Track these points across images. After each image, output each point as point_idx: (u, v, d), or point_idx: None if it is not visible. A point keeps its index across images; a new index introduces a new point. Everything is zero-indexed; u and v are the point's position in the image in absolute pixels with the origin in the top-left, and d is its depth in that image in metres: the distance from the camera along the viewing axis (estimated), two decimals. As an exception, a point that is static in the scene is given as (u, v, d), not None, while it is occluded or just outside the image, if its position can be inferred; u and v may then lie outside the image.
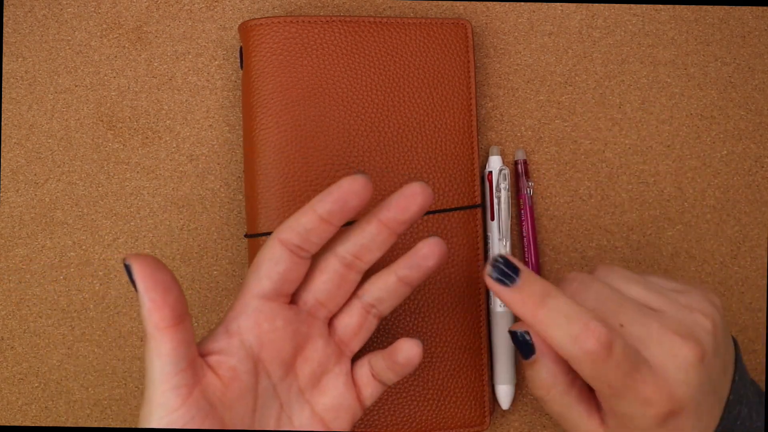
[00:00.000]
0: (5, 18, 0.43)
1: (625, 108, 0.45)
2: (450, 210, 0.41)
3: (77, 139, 0.43)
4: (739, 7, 0.46)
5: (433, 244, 0.33)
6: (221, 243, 0.43)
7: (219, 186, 0.43)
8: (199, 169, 0.43)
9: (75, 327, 0.42)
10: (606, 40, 0.45)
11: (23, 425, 0.41)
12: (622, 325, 0.31)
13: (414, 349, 0.33)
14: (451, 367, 0.41)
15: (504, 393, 0.42)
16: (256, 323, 0.32)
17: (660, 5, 0.46)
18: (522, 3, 0.45)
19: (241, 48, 0.41)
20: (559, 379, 0.32)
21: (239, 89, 0.43)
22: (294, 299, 0.34)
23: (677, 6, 0.46)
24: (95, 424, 0.42)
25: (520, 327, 0.32)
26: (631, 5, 0.46)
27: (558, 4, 0.45)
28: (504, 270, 0.31)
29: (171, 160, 0.43)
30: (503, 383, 0.42)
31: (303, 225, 0.32)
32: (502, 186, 0.42)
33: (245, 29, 0.40)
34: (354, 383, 0.35)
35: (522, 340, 0.32)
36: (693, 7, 0.46)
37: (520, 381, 0.43)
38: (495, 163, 0.43)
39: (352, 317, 0.34)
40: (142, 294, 0.29)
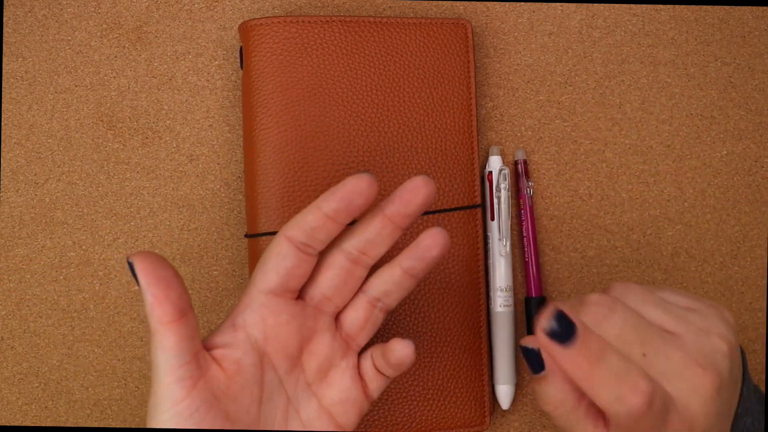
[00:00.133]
0: (5, 18, 0.43)
1: (625, 108, 0.45)
2: (450, 210, 0.41)
3: (77, 139, 0.43)
4: (739, 7, 0.46)
5: (436, 234, 0.33)
6: (221, 243, 0.43)
7: (219, 186, 0.43)
8: (199, 169, 0.43)
9: (75, 327, 0.42)
10: (606, 40, 0.45)
11: (23, 425, 0.41)
12: (644, 355, 0.31)
13: (405, 351, 0.33)
14: (451, 367, 0.41)
15: (504, 393, 0.42)
16: (261, 318, 0.33)
17: (660, 5, 0.46)
18: (522, 3, 0.45)
19: (241, 48, 0.41)
20: (568, 396, 0.32)
21: (239, 89, 0.43)
22: (301, 295, 0.34)
23: (677, 6, 0.46)
24: (95, 424, 0.42)
25: (530, 342, 0.32)
26: (631, 5, 0.46)
27: (558, 4, 0.45)
28: (561, 328, 0.29)
29: (171, 160, 0.43)
30: (503, 383, 0.42)
31: (309, 223, 0.32)
32: (502, 186, 0.42)
33: (245, 29, 0.40)
34: (360, 377, 0.35)
35: (533, 356, 0.32)
36: (693, 7, 0.46)
37: (520, 381, 0.43)
38: (495, 163, 0.43)
39: (358, 312, 0.34)
40: (144, 290, 0.30)
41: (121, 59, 0.43)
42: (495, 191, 0.42)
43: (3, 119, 0.43)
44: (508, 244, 0.42)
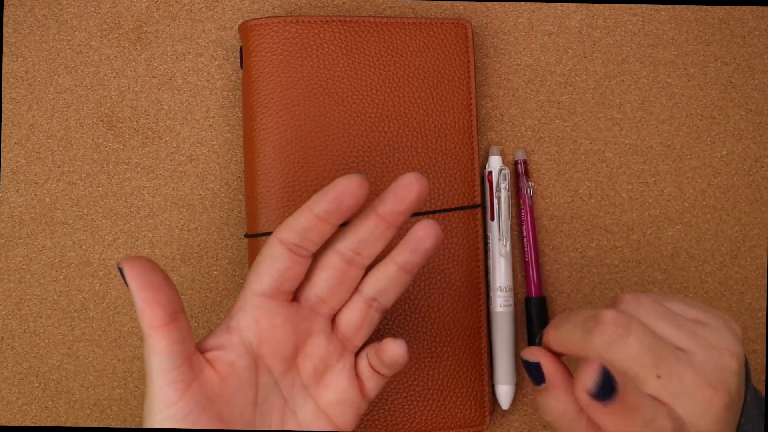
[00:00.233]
0: (5, 18, 0.43)
1: (625, 108, 0.45)
2: (450, 210, 0.41)
3: (77, 139, 0.43)
4: (739, 7, 0.46)
5: (428, 226, 0.33)
6: (221, 243, 0.43)
7: (219, 186, 0.43)
8: (199, 169, 0.43)
9: (75, 327, 0.42)
10: (606, 40, 0.45)
11: (23, 425, 0.41)
12: (659, 377, 0.31)
13: (397, 350, 0.33)
14: (451, 367, 0.41)
15: (504, 393, 0.42)
16: (255, 320, 0.33)
17: (660, 5, 0.46)
18: (522, 3, 0.45)
19: (241, 48, 0.41)
20: (569, 408, 0.32)
21: (239, 89, 0.43)
22: (296, 296, 0.34)
23: (677, 6, 0.46)
24: (95, 424, 0.42)
25: (530, 356, 0.32)
26: (631, 5, 0.46)
27: (558, 4, 0.45)
28: (604, 388, 0.29)
29: (171, 160, 0.43)
30: (503, 383, 0.42)
31: (301, 224, 0.32)
32: (502, 186, 0.42)
33: (245, 29, 0.40)
34: (357, 377, 0.35)
35: (534, 369, 0.32)
36: (693, 7, 0.46)
37: (520, 381, 0.43)
38: (495, 163, 0.43)
39: (353, 312, 0.34)
40: (134, 294, 0.30)
41: (121, 59, 0.43)
42: (495, 191, 0.42)
43: (3, 119, 0.43)
44: (508, 244, 0.42)
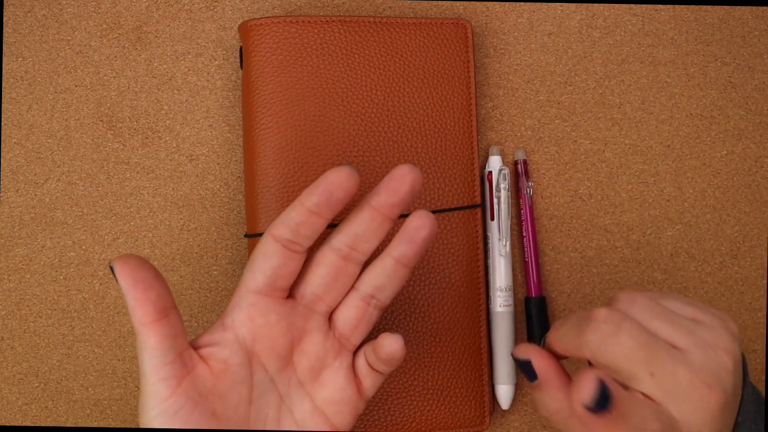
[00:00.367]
0: (5, 18, 0.43)
1: (625, 108, 0.45)
2: (450, 210, 0.41)
3: (77, 139, 0.43)
4: (739, 7, 0.46)
5: (423, 215, 0.33)
6: (221, 243, 0.43)
7: (219, 186, 0.43)
8: (199, 169, 0.43)
9: (75, 327, 0.42)
10: (606, 40, 0.45)
11: (23, 425, 0.41)
12: (652, 374, 0.31)
13: (394, 345, 0.33)
14: (451, 367, 0.41)
15: (504, 393, 0.42)
16: (249, 318, 0.33)
17: (660, 5, 0.46)
18: (522, 3, 0.45)
19: (241, 48, 0.41)
20: (563, 406, 0.32)
21: (239, 89, 0.43)
22: (292, 293, 0.34)
23: (677, 6, 0.46)
24: (95, 424, 0.42)
25: (521, 353, 0.32)
26: (631, 5, 0.46)
27: (558, 4, 0.45)
28: (599, 403, 0.29)
29: (171, 160, 0.43)
30: (503, 383, 0.42)
31: (293, 219, 0.32)
32: (502, 186, 0.42)
33: (245, 29, 0.40)
34: (355, 376, 0.35)
35: (525, 366, 0.32)
36: (693, 7, 0.46)
37: (520, 381, 0.43)
38: (495, 163, 0.43)
39: (351, 310, 0.34)
40: (125, 293, 0.31)
41: (121, 59, 0.43)
42: (495, 191, 0.42)
43: (3, 119, 0.43)
44: (508, 244, 0.42)
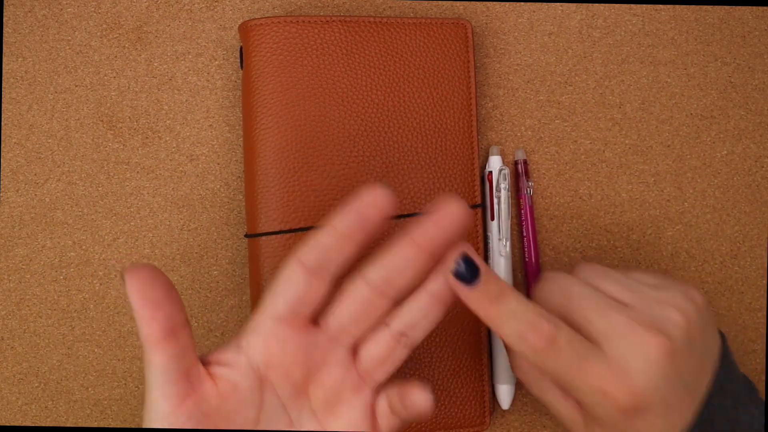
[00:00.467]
0: (5, 18, 0.43)
1: (625, 108, 0.45)
2: (450, 210, 0.41)
3: (77, 139, 0.43)
4: (739, 7, 0.46)
5: (462, 246, 0.32)
6: (221, 243, 0.43)
7: (219, 186, 0.43)
8: (199, 169, 0.43)
9: (75, 327, 0.42)
10: (606, 40, 0.45)
11: (23, 425, 0.41)
12: (588, 318, 0.32)
13: (424, 402, 0.31)
14: (451, 367, 0.41)
15: (504, 393, 0.42)
16: (266, 345, 0.31)
17: (660, 5, 0.46)
18: (522, 3, 0.45)
19: (241, 48, 0.41)
20: (532, 368, 0.34)
21: (239, 89, 0.43)
22: (318, 321, 0.32)
23: (677, 6, 0.46)
24: (95, 424, 0.42)
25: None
26: (631, 5, 0.46)
27: (558, 4, 0.45)
28: (466, 270, 0.31)
29: (171, 160, 0.43)
30: (503, 383, 0.42)
31: (321, 242, 0.30)
32: (502, 186, 0.42)
33: (245, 29, 0.40)
34: (372, 413, 0.33)
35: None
36: (693, 7, 0.46)
37: (520, 381, 0.43)
38: (495, 163, 0.43)
39: (378, 347, 0.32)
40: (133, 309, 0.29)
41: (121, 59, 0.43)
42: (495, 191, 0.42)
43: (3, 119, 0.43)
44: (508, 244, 0.42)
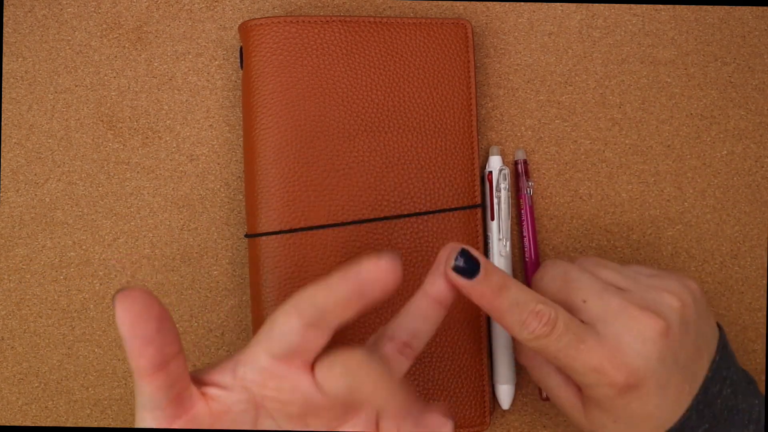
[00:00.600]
0: (5, 18, 0.43)
1: (625, 108, 0.45)
2: (450, 210, 0.41)
3: (77, 139, 0.43)
4: (739, 7, 0.46)
5: (450, 248, 0.32)
6: (221, 243, 0.43)
7: (219, 186, 0.43)
8: (199, 169, 0.43)
9: (75, 327, 0.42)
10: (606, 40, 0.45)
11: (23, 425, 0.41)
12: (584, 301, 0.33)
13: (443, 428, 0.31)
14: (451, 367, 0.41)
15: (504, 393, 0.42)
16: (261, 380, 0.30)
17: (660, 5, 0.46)
18: (522, 3, 0.45)
19: (241, 48, 0.41)
20: (537, 355, 0.35)
21: (239, 89, 0.43)
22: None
23: (677, 6, 0.46)
24: (95, 424, 0.42)
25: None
26: (631, 5, 0.46)
27: (558, 4, 0.45)
28: (466, 264, 0.31)
29: (171, 160, 0.43)
30: (503, 383, 0.42)
31: (319, 304, 0.29)
32: (502, 186, 0.42)
33: (245, 29, 0.40)
34: (376, 427, 0.31)
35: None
36: (693, 7, 0.46)
37: (520, 381, 0.43)
38: (495, 163, 0.43)
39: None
40: (122, 339, 0.28)
41: (121, 59, 0.43)
42: (495, 191, 0.42)
43: (3, 119, 0.43)
44: (508, 244, 0.42)
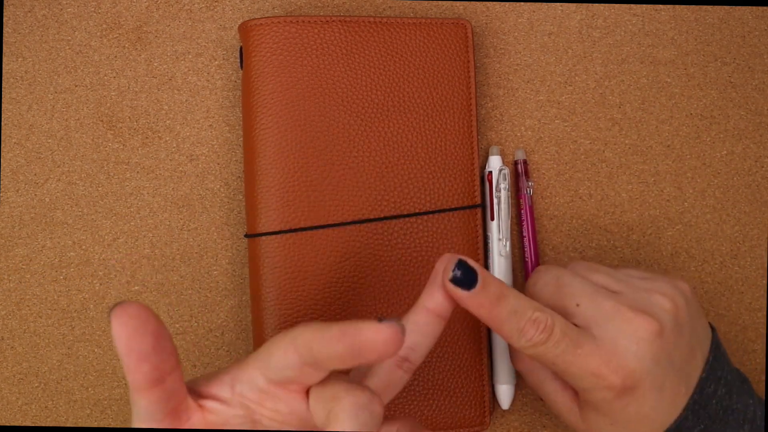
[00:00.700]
0: (5, 18, 0.43)
1: (625, 108, 0.45)
2: (450, 210, 0.41)
3: (77, 139, 0.43)
4: (739, 7, 0.46)
5: (447, 259, 0.32)
6: (221, 243, 0.43)
7: (219, 186, 0.43)
8: (199, 169, 0.43)
9: (75, 327, 0.42)
10: (606, 40, 0.45)
11: (23, 425, 0.41)
12: (578, 305, 0.33)
13: None
14: (451, 367, 0.41)
15: (504, 393, 0.42)
16: (259, 400, 0.29)
17: (660, 5, 0.46)
18: (522, 3, 0.45)
19: (241, 48, 0.41)
20: (533, 361, 0.35)
21: (239, 89, 0.43)
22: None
23: (677, 6, 0.46)
24: (95, 424, 0.42)
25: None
26: (631, 5, 0.46)
27: (558, 4, 0.45)
28: (463, 275, 0.31)
29: (171, 160, 0.43)
30: (503, 383, 0.42)
31: (314, 351, 0.27)
32: (502, 186, 0.42)
33: (245, 29, 0.40)
34: None
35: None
36: (693, 7, 0.46)
37: (520, 381, 0.43)
38: (495, 163, 0.43)
39: (378, 378, 0.31)
40: (118, 353, 0.28)
41: (121, 59, 0.43)
42: (495, 191, 0.42)
43: (3, 119, 0.43)
44: (508, 244, 0.42)
